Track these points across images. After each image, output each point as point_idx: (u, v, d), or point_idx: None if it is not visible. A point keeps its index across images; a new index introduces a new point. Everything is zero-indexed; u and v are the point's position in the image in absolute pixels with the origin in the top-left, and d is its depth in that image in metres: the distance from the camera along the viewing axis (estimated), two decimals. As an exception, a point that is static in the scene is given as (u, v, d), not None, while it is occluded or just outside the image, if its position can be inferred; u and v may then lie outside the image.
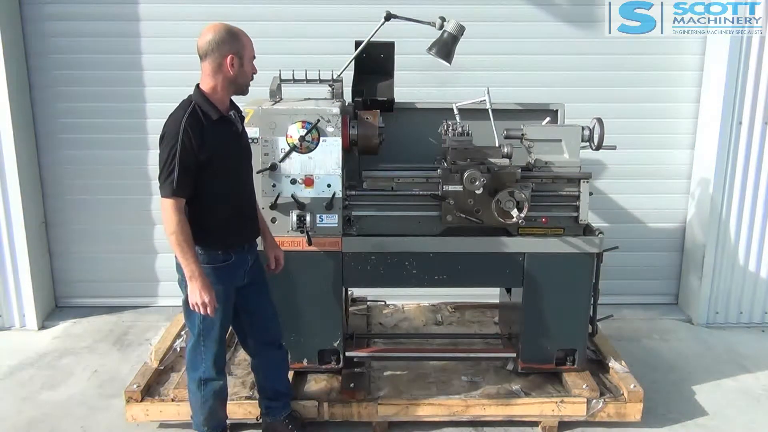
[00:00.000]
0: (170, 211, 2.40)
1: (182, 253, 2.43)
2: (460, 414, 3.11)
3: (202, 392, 2.73)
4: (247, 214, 2.73)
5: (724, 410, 3.38)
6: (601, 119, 3.09)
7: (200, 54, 2.47)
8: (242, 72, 2.50)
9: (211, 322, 2.62)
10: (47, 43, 4.23)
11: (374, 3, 3.78)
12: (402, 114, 3.50)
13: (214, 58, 2.44)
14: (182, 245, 2.42)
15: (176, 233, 2.41)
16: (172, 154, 2.39)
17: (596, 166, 4.28)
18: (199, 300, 2.47)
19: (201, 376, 2.71)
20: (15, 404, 3.40)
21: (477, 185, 2.92)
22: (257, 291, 2.81)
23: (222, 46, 2.44)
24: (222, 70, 2.46)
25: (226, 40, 2.44)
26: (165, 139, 2.43)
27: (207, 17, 4.21)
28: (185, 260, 2.44)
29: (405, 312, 4.18)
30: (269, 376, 2.95)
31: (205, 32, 2.45)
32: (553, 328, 3.20)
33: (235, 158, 2.62)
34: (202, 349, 2.67)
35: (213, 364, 2.69)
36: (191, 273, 2.45)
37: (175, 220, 2.40)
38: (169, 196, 2.40)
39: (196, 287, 2.46)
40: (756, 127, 4.20)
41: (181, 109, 2.46)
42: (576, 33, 4.31)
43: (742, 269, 4.43)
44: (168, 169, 2.39)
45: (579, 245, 3.09)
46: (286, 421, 2.98)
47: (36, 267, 4.32)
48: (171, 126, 2.43)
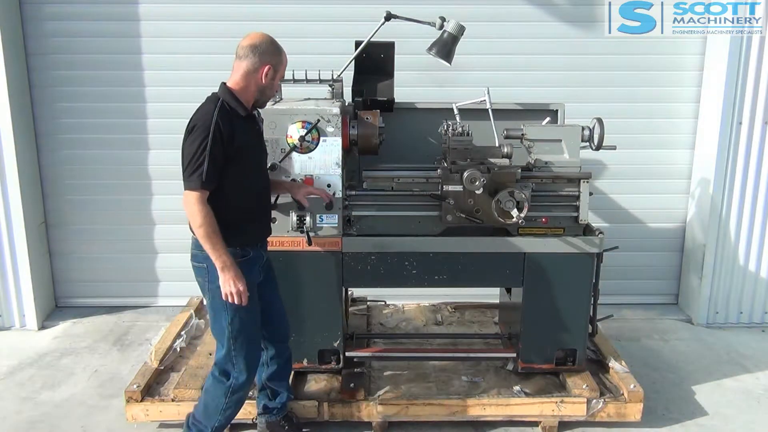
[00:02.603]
0: (197, 204, 2.40)
1: (212, 244, 2.42)
2: (460, 414, 3.11)
3: (228, 399, 2.68)
4: (266, 210, 2.77)
5: (724, 410, 3.38)
6: (601, 119, 3.10)
7: (239, 53, 2.51)
8: (271, 85, 2.56)
9: (240, 323, 2.60)
10: (47, 43, 4.23)
11: (374, 3, 3.78)
12: (402, 114, 3.50)
13: (253, 62, 2.49)
14: (212, 237, 2.41)
15: (204, 225, 2.40)
16: (203, 146, 2.38)
17: (596, 166, 4.28)
18: (233, 289, 2.46)
19: (233, 384, 2.66)
20: (15, 404, 3.40)
21: (477, 185, 2.92)
22: (270, 288, 2.82)
23: (265, 54, 2.50)
24: (256, 75, 2.51)
25: (270, 50, 2.52)
26: (195, 131, 2.42)
27: (207, 17, 4.23)
28: (216, 251, 2.43)
29: (405, 312, 4.18)
30: (274, 374, 2.93)
31: (252, 36, 2.52)
32: (553, 328, 3.20)
33: (258, 155, 2.68)
34: (233, 354, 2.62)
35: (246, 367, 2.65)
36: (223, 264, 2.44)
37: (204, 213, 2.40)
38: (197, 189, 2.39)
39: (229, 277, 2.45)
40: (756, 127, 4.20)
41: (211, 103, 2.48)
42: (576, 33, 4.31)
43: (742, 269, 4.43)
44: (197, 161, 2.39)
45: (579, 245, 3.09)
46: (283, 422, 2.98)
47: (36, 267, 4.32)
48: (202, 118, 2.43)
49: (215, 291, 2.53)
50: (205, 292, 2.60)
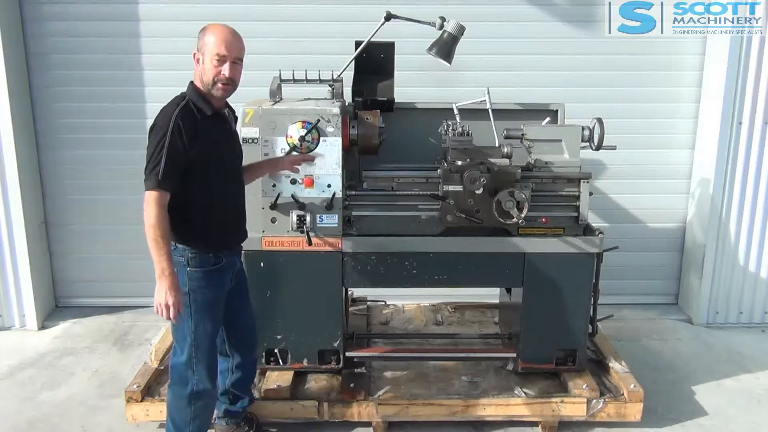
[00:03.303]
0: (152, 204, 2.34)
1: (157, 248, 2.33)
2: (460, 414, 3.11)
3: (193, 407, 2.63)
4: (240, 214, 2.71)
5: (724, 410, 3.38)
6: (601, 119, 3.10)
7: None
8: (203, 69, 2.47)
9: (203, 331, 2.56)
10: (47, 43, 4.23)
11: (374, 3, 3.78)
12: (402, 114, 3.49)
13: (194, 53, 2.48)
14: (158, 240, 2.33)
15: (155, 227, 2.33)
16: (160, 145, 2.34)
17: (596, 166, 4.28)
18: (164, 300, 2.35)
19: (193, 389, 2.60)
20: (15, 404, 3.40)
21: (477, 185, 2.92)
22: (240, 295, 2.78)
23: (198, 42, 2.48)
24: (197, 66, 2.49)
25: (199, 36, 2.49)
26: (154, 130, 2.39)
27: (207, 17, 4.19)
28: (159, 256, 2.34)
29: (405, 312, 4.18)
30: (238, 381, 2.90)
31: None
32: (553, 328, 3.20)
33: (228, 156, 2.61)
34: (194, 361, 2.58)
35: (207, 375, 2.61)
36: (162, 270, 2.34)
37: (155, 213, 2.33)
38: (153, 189, 2.33)
39: (164, 286, 2.35)
40: (756, 127, 4.20)
41: (174, 103, 2.44)
42: (576, 33, 4.31)
43: (742, 269, 4.43)
44: (155, 161, 2.34)
45: (579, 245, 3.09)
46: (243, 423, 2.98)
47: (36, 267, 4.32)
48: (162, 118, 2.39)
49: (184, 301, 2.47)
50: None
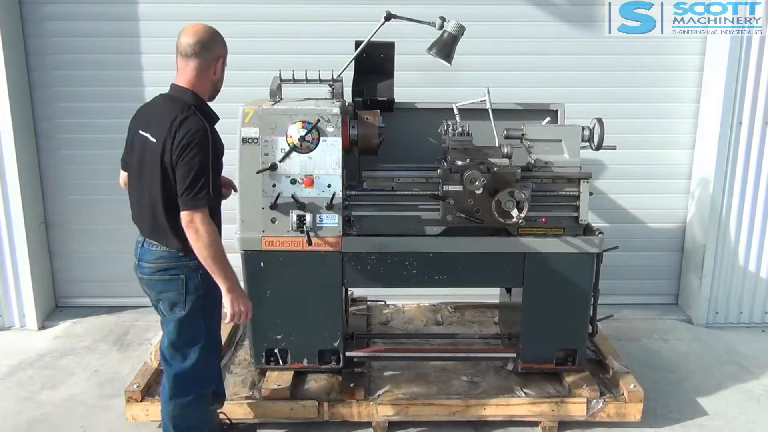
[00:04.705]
0: (206, 223, 2.31)
1: (222, 265, 2.36)
2: (460, 414, 3.11)
3: (208, 405, 2.69)
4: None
5: (724, 410, 3.38)
6: (601, 119, 3.09)
7: (187, 51, 2.39)
8: (220, 77, 2.51)
9: (212, 334, 2.61)
10: (47, 43, 4.23)
11: (374, 3, 3.77)
12: (402, 114, 3.49)
13: (205, 58, 2.41)
14: (221, 256, 2.36)
15: (214, 244, 2.33)
16: (205, 162, 2.31)
17: (596, 166, 4.28)
18: (244, 308, 2.45)
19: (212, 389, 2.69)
20: (15, 404, 3.40)
21: (477, 185, 2.92)
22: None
23: (215, 46, 2.44)
24: (209, 72, 2.45)
25: (219, 41, 2.45)
26: (194, 147, 2.30)
27: (207, 17, 4.18)
28: (226, 271, 2.38)
29: (405, 312, 4.18)
30: None
31: (194, 30, 2.41)
32: (553, 328, 3.20)
33: None
34: (206, 364, 2.61)
35: (219, 375, 2.68)
36: (232, 284, 2.40)
37: (213, 232, 2.34)
38: (206, 206, 2.32)
39: (239, 296, 2.44)
40: (756, 127, 4.20)
41: (194, 115, 2.37)
42: (576, 33, 4.31)
43: (742, 269, 4.43)
44: (203, 179, 2.30)
45: (579, 245, 3.09)
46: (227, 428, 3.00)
47: (36, 267, 4.32)
48: (199, 135, 2.32)
49: (192, 303, 2.50)
50: (177, 305, 2.52)
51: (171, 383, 2.61)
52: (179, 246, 2.44)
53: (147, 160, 2.41)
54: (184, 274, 2.49)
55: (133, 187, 2.54)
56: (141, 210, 2.51)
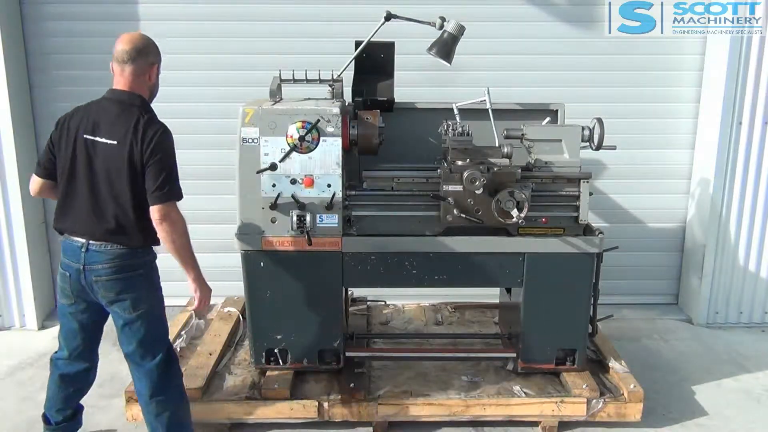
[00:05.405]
0: (180, 212, 2.46)
1: (192, 253, 2.55)
2: (460, 414, 3.11)
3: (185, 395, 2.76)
4: None
5: (724, 410, 3.38)
6: (601, 119, 3.10)
7: (123, 57, 2.49)
8: (157, 83, 2.63)
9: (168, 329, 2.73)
10: (47, 43, 4.23)
11: (374, 3, 3.78)
12: (402, 114, 3.50)
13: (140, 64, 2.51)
14: (190, 246, 2.52)
15: (186, 234, 2.50)
16: (174, 159, 2.48)
17: (596, 166, 4.28)
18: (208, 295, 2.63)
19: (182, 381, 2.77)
20: (15, 404, 3.40)
21: (477, 185, 2.92)
22: None
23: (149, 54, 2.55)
24: (144, 77, 2.54)
25: (153, 49, 2.57)
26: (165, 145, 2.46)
27: (207, 17, 4.23)
28: (194, 260, 2.56)
29: (405, 312, 4.18)
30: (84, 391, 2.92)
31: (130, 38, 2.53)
32: (553, 328, 3.20)
33: None
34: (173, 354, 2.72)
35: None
36: (198, 272, 2.58)
37: (184, 221, 2.49)
38: (179, 198, 2.47)
39: (204, 283, 2.61)
40: (756, 127, 4.20)
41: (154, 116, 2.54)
42: (576, 33, 4.31)
43: (742, 269, 4.43)
44: (174, 173, 2.47)
45: (579, 245, 3.09)
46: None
47: (36, 267, 4.32)
48: (166, 133, 2.49)
49: (155, 297, 2.62)
50: (141, 302, 2.56)
51: (147, 383, 2.64)
52: (141, 242, 2.53)
53: (103, 163, 2.46)
54: (144, 270, 2.57)
55: (75, 193, 2.53)
56: (90, 214, 2.50)
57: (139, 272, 2.55)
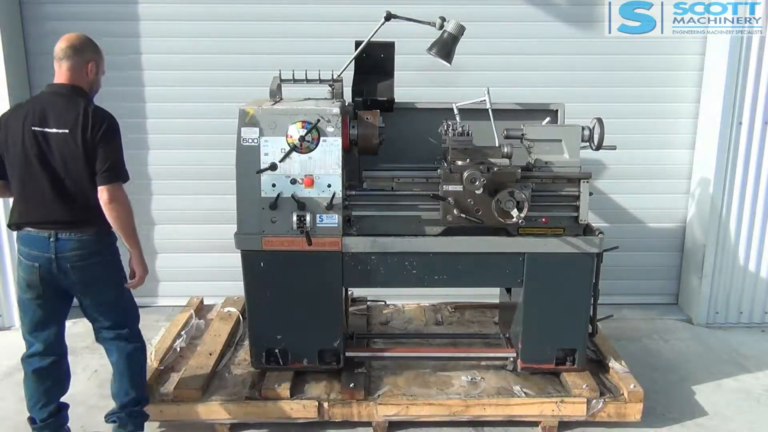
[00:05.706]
0: (125, 194, 2.59)
1: (136, 235, 2.66)
2: (460, 414, 3.11)
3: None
4: None
5: (724, 410, 3.38)
6: (601, 119, 3.10)
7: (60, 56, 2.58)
8: (98, 80, 2.70)
9: None
10: (47, 43, 4.21)
11: (374, 3, 3.78)
12: (402, 114, 3.50)
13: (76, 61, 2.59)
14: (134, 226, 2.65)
15: (132, 213, 2.63)
16: (121, 142, 2.62)
17: (596, 166, 4.29)
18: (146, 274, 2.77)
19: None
20: (15, 404, 3.40)
21: (477, 185, 2.92)
22: None
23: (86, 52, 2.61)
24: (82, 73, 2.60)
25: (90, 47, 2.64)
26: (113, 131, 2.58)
27: (207, 17, 4.23)
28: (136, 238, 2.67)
29: (405, 312, 4.18)
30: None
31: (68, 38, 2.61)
32: (553, 328, 3.20)
33: None
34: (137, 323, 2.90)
35: None
36: (140, 251, 2.72)
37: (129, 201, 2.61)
38: (126, 180, 2.60)
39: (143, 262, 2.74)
40: (756, 127, 4.20)
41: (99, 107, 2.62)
42: (576, 33, 4.31)
43: (742, 269, 4.43)
44: (122, 156, 2.60)
45: (579, 245, 3.09)
46: None
47: (36, 267, 4.31)
48: (112, 120, 2.60)
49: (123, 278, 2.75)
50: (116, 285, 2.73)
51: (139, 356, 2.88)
52: (105, 227, 2.63)
53: (59, 152, 2.53)
54: (112, 254, 2.71)
55: (33, 186, 2.58)
56: (54, 202, 2.57)
57: (108, 257, 2.68)
